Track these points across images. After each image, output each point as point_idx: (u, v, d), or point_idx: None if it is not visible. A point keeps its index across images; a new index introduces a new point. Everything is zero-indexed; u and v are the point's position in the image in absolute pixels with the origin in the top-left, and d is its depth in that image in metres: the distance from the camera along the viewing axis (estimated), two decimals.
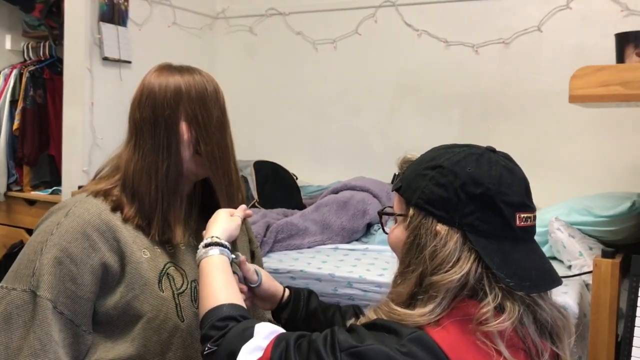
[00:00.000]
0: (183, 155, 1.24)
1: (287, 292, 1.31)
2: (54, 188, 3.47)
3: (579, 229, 2.33)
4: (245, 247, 1.47)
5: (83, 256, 1.15)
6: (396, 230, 1.03)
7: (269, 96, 3.81)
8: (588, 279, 2.04)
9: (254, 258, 1.51)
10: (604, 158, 2.85)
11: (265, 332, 0.95)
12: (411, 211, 0.99)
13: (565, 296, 1.89)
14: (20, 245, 3.38)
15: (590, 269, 2.03)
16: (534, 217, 0.97)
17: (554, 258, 2.32)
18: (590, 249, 2.21)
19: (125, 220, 1.21)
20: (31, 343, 1.09)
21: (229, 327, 0.98)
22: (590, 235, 2.32)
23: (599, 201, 2.41)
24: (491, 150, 1.00)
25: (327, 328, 0.94)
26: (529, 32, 3.02)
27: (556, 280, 0.95)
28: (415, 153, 1.07)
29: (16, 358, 1.09)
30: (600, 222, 2.30)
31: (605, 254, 1.71)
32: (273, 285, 1.29)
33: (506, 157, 1.00)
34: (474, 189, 0.93)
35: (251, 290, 1.26)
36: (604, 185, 2.66)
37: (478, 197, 0.93)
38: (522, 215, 0.94)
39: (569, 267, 2.21)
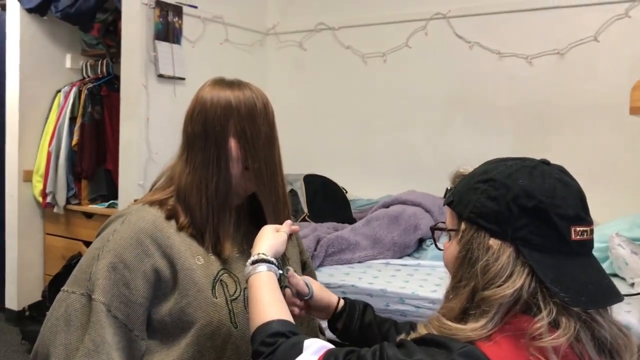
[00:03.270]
0: (232, 171, 1.25)
1: (341, 302, 1.31)
2: (111, 202, 3.58)
3: None
4: (296, 258, 1.47)
5: (136, 262, 1.18)
6: (451, 246, 1.01)
7: (319, 110, 3.83)
8: None
9: (305, 269, 1.51)
10: None
11: (315, 348, 0.94)
12: (463, 225, 0.96)
13: (629, 315, 1.81)
14: (78, 257, 3.49)
15: None
16: (591, 230, 0.93)
17: (615, 275, 2.23)
18: None
19: (180, 228, 1.23)
20: (86, 344, 1.13)
21: (278, 343, 0.97)
22: None
23: None
24: (545, 162, 0.97)
25: (381, 342, 0.93)
26: (585, 42, 2.95)
27: (615, 296, 0.91)
28: (468, 167, 1.05)
29: (73, 359, 1.13)
30: None
31: None
32: (326, 296, 1.29)
33: (561, 170, 0.97)
34: (526, 202, 0.90)
35: (304, 302, 1.27)
36: None
37: (531, 210, 0.90)
38: (578, 229, 0.91)
39: (632, 284, 2.12)
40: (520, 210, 0.91)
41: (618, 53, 2.87)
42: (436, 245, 1.12)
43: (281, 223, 1.26)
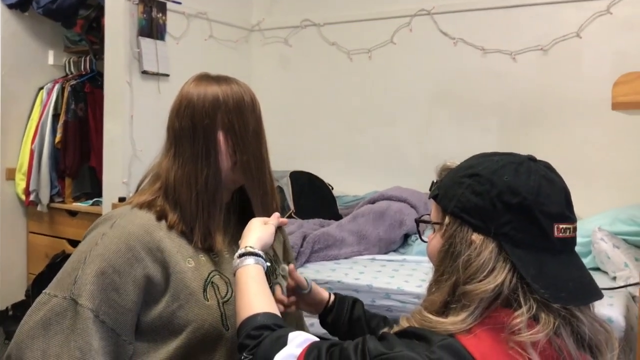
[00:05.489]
0: (222, 165, 1.25)
1: (332, 297, 1.34)
2: (95, 199, 3.55)
3: (624, 239, 2.26)
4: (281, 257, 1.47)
5: (126, 267, 1.16)
6: (434, 239, 1.02)
7: (305, 107, 3.83)
8: (634, 291, 1.98)
9: None
10: None
11: (299, 341, 0.96)
12: (447, 219, 0.97)
13: (611, 309, 1.84)
14: (62, 255, 3.46)
15: (637, 280, 1.98)
16: (574, 228, 0.94)
17: (598, 269, 2.26)
18: (637, 259, 2.14)
19: (170, 227, 1.22)
20: (72, 352, 1.11)
21: (263, 335, 0.98)
22: (636, 246, 2.25)
23: None
24: (531, 159, 0.97)
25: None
26: (567, 38, 2.97)
27: (595, 294, 0.92)
28: (455, 160, 1.05)
29: None
30: None
31: None
32: (320, 292, 1.33)
33: (547, 167, 0.97)
34: (510, 199, 0.91)
35: (299, 296, 1.30)
36: None
37: (515, 207, 0.91)
38: (561, 227, 0.92)
39: (614, 278, 2.14)
40: (504, 206, 0.91)
41: (600, 49, 2.90)
42: (421, 238, 1.13)
43: (269, 216, 1.26)
